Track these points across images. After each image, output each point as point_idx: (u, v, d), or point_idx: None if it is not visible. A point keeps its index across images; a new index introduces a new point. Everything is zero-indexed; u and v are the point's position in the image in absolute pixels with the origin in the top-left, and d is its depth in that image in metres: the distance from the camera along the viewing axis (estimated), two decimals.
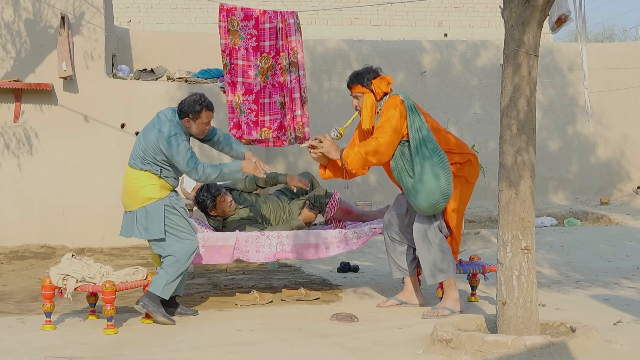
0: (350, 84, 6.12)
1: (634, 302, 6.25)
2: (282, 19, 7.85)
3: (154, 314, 5.72)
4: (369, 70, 6.08)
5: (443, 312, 5.92)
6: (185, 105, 5.89)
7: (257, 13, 7.89)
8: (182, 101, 5.95)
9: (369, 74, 6.05)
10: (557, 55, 13.03)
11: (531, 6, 4.81)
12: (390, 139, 5.85)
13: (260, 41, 7.84)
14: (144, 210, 5.82)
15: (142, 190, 5.83)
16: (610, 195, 12.82)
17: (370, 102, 6.03)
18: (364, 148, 5.87)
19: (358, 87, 6.06)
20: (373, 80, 6.02)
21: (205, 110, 5.89)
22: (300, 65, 7.83)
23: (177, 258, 5.81)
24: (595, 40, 29.50)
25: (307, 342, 5.21)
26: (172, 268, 5.81)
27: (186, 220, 5.90)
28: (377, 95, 6.03)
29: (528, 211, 4.88)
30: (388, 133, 5.85)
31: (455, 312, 5.94)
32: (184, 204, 6.01)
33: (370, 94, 6.03)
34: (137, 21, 16.32)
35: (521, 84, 4.88)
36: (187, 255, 5.84)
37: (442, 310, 5.95)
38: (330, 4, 16.43)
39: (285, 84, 7.92)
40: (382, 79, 6.03)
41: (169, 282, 5.78)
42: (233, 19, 7.82)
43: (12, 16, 9.69)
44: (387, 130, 5.85)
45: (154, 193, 5.83)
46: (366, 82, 6.03)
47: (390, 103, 5.95)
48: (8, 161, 9.66)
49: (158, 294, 5.74)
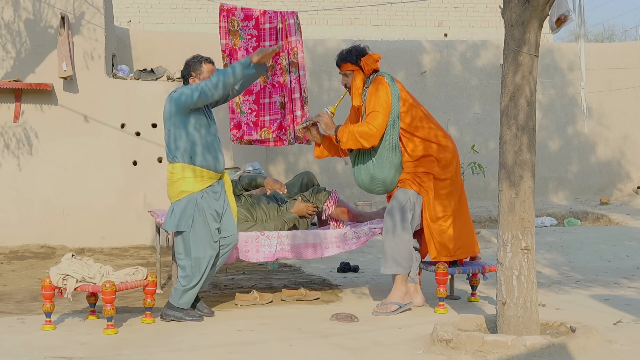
0: (339, 62, 6.33)
1: (634, 302, 6.25)
2: (282, 19, 7.85)
3: (179, 320, 5.81)
4: (357, 48, 6.30)
5: (390, 308, 6.02)
6: (186, 67, 5.98)
7: (257, 13, 7.89)
8: (183, 67, 6.02)
9: (357, 51, 6.27)
10: (557, 55, 13.03)
11: (531, 6, 4.81)
12: (381, 124, 6.08)
13: (261, 41, 7.84)
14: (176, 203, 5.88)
15: (176, 184, 5.87)
16: (610, 195, 12.82)
17: (360, 80, 6.25)
18: (357, 129, 6.11)
19: (347, 65, 6.29)
20: (362, 57, 6.23)
21: (204, 63, 5.95)
22: (301, 66, 7.83)
23: (186, 273, 5.86)
24: (595, 40, 29.51)
25: (307, 342, 5.21)
26: (184, 280, 5.88)
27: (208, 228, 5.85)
28: (366, 72, 6.24)
29: (528, 211, 4.88)
30: (380, 118, 6.07)
31: (405, 306, 6.06)
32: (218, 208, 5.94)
33: (359, 71, 6.26)
34: (137, 21, 16.32)
35: (521, 83, 4.88)
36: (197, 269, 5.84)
37: (389, 305, 6.05)
38: (330, 4, 16.43)
39: (285, 84, 7.92)
40: (370, 56, 6.24)
41: (186, 291, 5.85)
42: (233, 19, 7.82)
43: (12, 16, 9.69)
44: (378, 115, 6.07)
45: (187, 186, 5.84)
46: (355, 60, 6.24)
47: (379, 85, 6.15)
48: (8, 161, 9.66)
49: (175, 305, 5.85)
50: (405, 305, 6.09)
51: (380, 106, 6.07)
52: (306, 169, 11.15)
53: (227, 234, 5.98)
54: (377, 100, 6.08)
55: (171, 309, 5.86)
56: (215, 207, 5.90)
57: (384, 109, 6.07)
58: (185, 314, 5.85)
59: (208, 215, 5.85)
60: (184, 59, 11.56)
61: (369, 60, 6.21)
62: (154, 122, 9.94)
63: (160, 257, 7.11)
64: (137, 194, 9.84)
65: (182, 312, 5.85)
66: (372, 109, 6.09)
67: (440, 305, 6.13)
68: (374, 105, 6.09)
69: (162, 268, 7.41)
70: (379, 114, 6.05)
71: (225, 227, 5.97)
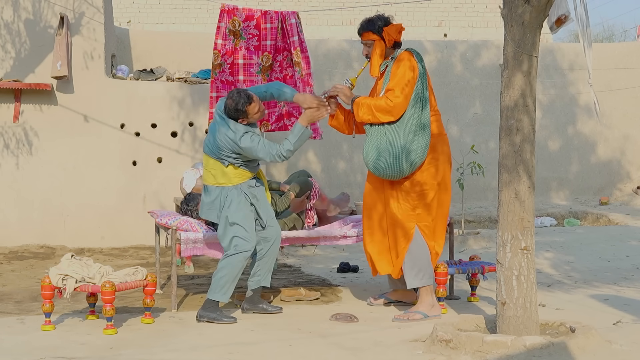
0: (361, 30, 6.07)
1: (633, 302, 6.24)
2: (282, 20, 7.86)
3: (214, 321, 5.85)
4: (380, 17, 6.04)
5: (414, 317, 5.83)
6: (230, 113, 5.94)
7: (258, 14, 7.89)
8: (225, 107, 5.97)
9: (380, 20, 6.01)
10: (558, 55, 13.03)
11: (531, 6, 4.81)
12: (401, 102, 5.81)
13: (262, 40, 7.85)
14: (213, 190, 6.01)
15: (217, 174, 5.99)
16: (610, 195, 12.81)
17: (380, 50, 5.98)
18: (374, 102, 5.86)
19: (369, 34, 6.02)
20: (384, 27, 5.98)
21: (247, 106, 5.91)
22: (305, 65, 7.84)
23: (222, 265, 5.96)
24: (594, 40, 29.50)
25: (307, 342, 5.21)
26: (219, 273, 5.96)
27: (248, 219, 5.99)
28: (387, 42, 5.98)
29: (528, 211, 4.88)
30: (401, 96, 5.80)
31: (430, 317, 5.83)
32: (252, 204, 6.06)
33: (380, 41, 5.98)
34: (136, 21, 16.31)
35: (521, 83, 4.88)
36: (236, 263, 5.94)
37: (413, 314, 5.86)
38: (330, 4, 16.42)
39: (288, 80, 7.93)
40: (393, 26, 5.98)
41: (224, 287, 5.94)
42: (235, 20, 7.82)
43: (12, 16, 9.69)
44: (399, 91, 5.80)
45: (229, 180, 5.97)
46: (377, 29, 5.98)
47: (405, 62, 5.89)
48: (8, 161, 9.66)
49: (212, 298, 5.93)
50: (432, 317, 5.85)
51: (403, 83, 5.80)
52: (306, 168, 11.16)
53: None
54: (400, 77, 5.83)
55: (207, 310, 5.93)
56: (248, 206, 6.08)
57: (406, 86, 5.80)
58: (220, 318, 5.90)
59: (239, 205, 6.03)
60: (183, 59, 11.66)
61: (391, 30, 5.95)
62: (153, 122, 9.94)
63: (159, 257, 7.11)
64: (136, 194, 9.84)
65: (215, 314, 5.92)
66: (393, 85, 5.83)
67: (440, 305, 6.12)
68: (397, 81, 5.82)
69: (162, 268, 7.40)
70: (400, 91, 5.79)
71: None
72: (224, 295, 5.94)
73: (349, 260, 8.43)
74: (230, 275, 5.93)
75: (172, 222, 6.40)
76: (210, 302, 5.93)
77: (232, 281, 5.96)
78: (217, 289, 5.93)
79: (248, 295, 6.21)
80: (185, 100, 10.05)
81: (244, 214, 5.98)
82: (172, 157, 9.95)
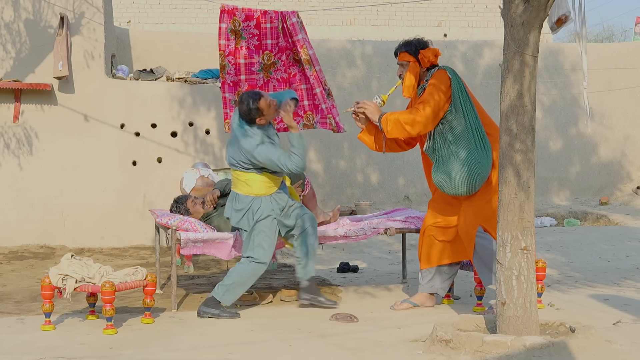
0: (397, 50, 6.19)
1: (633, 302, 6.24)
2: (283, 19, 7.86)
3: (216, 317, 5.93)
4: (419, 40, 6.16)
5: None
6: (247, 116, 6.03)
7: (258, 14, 7.90)
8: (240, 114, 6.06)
9: (418, 43, 6.12)
10: (560, 56, 13.02)
11: (531, 6, 4.81)
12: (430, 114, 5.88)
13: (262, 39, 7.85)
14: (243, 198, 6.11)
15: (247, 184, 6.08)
16: (610, 196, 12.81)
17: (415, 71, 6.09)
18: (402, 116, 5.94)
19: (405, 54, 6.13)
20: (421, 50, 6.08)
21: (258, 102, 6.00)
22: (314, 61, 7.84)
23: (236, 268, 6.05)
24: (594, 40, 29.51)
25: (307, 342, 5.21)
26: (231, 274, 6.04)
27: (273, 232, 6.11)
28: (423, 65, 6.08)
29: (528, 211, 4.88)
30: (429, 108, 5.88)
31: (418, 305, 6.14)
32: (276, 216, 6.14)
33: (415, 62, 6.09)
34: (136, 21, 16.31)
35: (521, 84, 4.88)
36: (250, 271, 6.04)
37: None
38: (330, 4, 16.42)
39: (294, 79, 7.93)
40: (430, 50, 6.09)
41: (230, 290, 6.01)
42: (235, 20, 7.82)
43: (12, 16, 9.69)
44: (429, 104, 5.88)
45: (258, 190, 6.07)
46: (414, 51, 6.09)
47: (439, 78, 5.98)
48: (8, 161, 9.66)
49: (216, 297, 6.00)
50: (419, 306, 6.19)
51: (432, 98, 5.89)
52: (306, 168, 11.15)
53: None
54: (430, 93, 5.93)
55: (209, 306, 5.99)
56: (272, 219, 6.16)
57: (435, 101, 5.88)
58: (223, 315, 5.97)
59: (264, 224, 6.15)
60: (183, 59, 11.65)
61: (427, 53, 6.06)
62: (153, 122, 9.95)
63: (159, 257, 7.11)
64: (136, 194, 9.84)
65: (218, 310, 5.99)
66: (422, 99, 5.95)
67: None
68: (427, 96, 5.93)
69: (162, 268, 7.40)
70: (427, 105, 5.88)
71: None
72: (228, 297, 6.00)
73: (349, 260, 8.43)
74: (240, 280, 6.02)
75: (172, 221, 6.40)
76: (212, 300, 5.98)
77: (240, 287, 6.04)
78: (223, 289, 5.99)
79: (304, 286, 6.27)
80: (185, 100, 10.05)
81: (270, 225, 6.09)
82: (172, 157, 9.95)
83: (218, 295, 5.98)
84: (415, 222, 6.70)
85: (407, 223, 6.71)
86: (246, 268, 6.04)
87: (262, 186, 6.09)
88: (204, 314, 5.94)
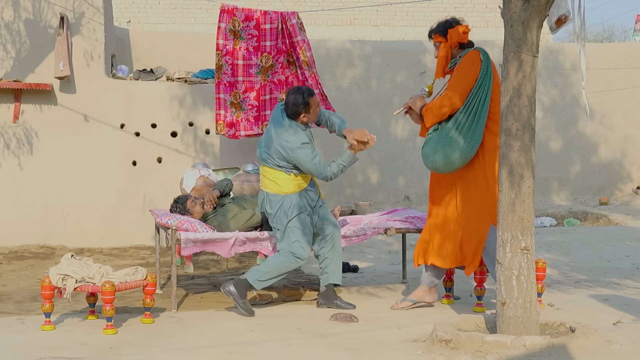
0: (431, 32, 6.22)
1: (633, 302, 6.24)
2: (282, 20, 7.86)
3: (235, 305, 6.02)
4: (448, 20, 6.16)
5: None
6: (292, 108, 6.02)
7: (257, 14, 7.90)
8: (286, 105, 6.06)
9: (447, 23, 6.13)
10: (560, 56, 13.02)
11: (531, 6, 4.81)
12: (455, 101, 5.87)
13: (261, 41, 7.87)
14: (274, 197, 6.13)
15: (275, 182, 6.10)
16: (610, 196, 12.80)
17: (445, 51, 6.10)
18: (435, 105, 5.92)
19: (437, 36, 6.16)
20: (449, 29, 6.08)
21: (310, 98, 6.03)
22: (312, 63, 7.85)
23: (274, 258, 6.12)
24: (594, 40, 29.50)
25: (307, 342, 5.21)
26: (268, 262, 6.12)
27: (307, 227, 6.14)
28: (451, 44, 6.08)
29: (528, 211, 4.88)
30: (458, 91, 5.86)
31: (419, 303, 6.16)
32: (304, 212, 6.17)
33: (446, 43, 6.10)
34: (136, 21, 16.31)
35: (521, 83, 4.88)
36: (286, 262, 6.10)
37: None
38: (330, 4, 16.43)
39: (288, 81, 7.93)
40: (456, 29, 6.07)
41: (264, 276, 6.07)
42: (235, 20, 7.83)
43: (12, 16, 9.69)
44: (455, 92, 5.87)
45: (288, 188, 6.10)
46: (442, 31, 6.11)
47: (470, 61, 5.96)
48: (8, 161, 9.66)
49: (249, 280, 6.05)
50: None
51: (459, 85, 5.88)
52: None
53: None
54: (459, 78, 5.91)
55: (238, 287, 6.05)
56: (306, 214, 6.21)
57: (461, 88, 5.87)
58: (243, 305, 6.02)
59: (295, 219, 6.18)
60: (183, 59, 11.65)
61: (454, 32, 6.05)
62: (153, 122, 9.94)
63: (159, 257, 7.11)
64: (136, 194, 9.84)
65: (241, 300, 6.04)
66: (450, 86, 5.94)
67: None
68: (459, 79, 5.91)
69: (162, 268, 7.40)
70: (454, 90, 5.87)
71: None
72: (260, 283, 6.07)
73: (349, 260, 8.43)
74: (275, 269, 6.08)
75: (172, 221, 6.40)
76: (243, 282, 6.04)
77: (273, 275, 6.09)
78: (257, 274, 6.06)
79: (322, 291, 6.30)
80: (185, 100, 10.05)
81: (304, 221, 6.12)
82: (172, 157, 9.95)
83: (252, 278, 6.04)
84: (415, 222, 6.70)
85: (407, 223, 6.71)
86: (284, 261, 6.09)
87: (291, 184, 6.12)
88: (228, 294, 6.00)
